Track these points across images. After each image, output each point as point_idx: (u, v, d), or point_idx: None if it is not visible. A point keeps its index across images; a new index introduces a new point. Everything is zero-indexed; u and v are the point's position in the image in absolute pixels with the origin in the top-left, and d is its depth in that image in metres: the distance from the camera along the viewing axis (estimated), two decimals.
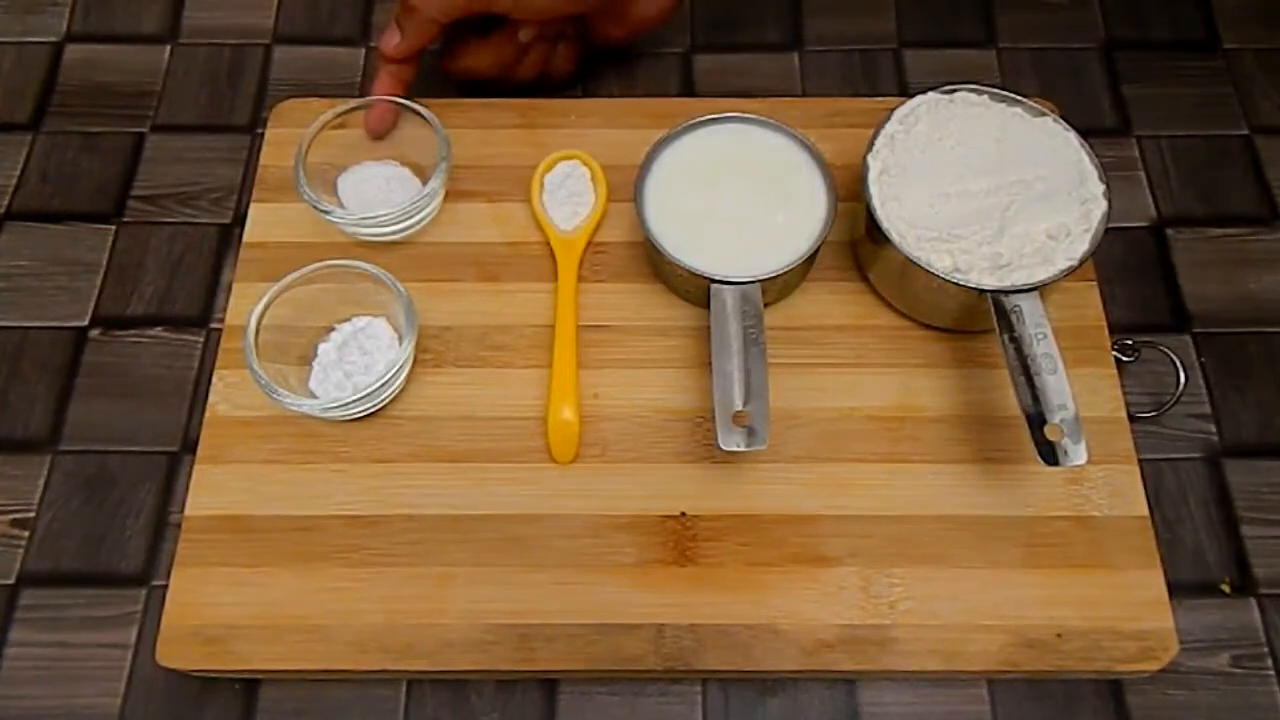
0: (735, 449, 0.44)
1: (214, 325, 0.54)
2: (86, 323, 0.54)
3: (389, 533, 0.46)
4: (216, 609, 0.45)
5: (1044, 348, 0.45)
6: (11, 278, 0.55)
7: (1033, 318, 0.46)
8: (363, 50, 0.63)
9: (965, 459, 0.48)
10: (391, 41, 0.52)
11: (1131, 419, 0.49)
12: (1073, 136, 0.50)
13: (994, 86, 0.51)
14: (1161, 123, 0.60)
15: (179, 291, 0.55)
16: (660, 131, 0.52)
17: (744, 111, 0.52)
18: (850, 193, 0.52)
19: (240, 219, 0.56)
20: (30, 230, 0.56)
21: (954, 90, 0.51)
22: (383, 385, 0.47)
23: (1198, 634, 0.47)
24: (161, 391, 0.52)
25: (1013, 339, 0.45)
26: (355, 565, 0.46)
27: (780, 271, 0.48)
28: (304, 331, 0.50)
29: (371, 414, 0.49)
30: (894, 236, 0.48)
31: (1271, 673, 0.46)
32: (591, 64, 0.62)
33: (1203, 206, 0.58)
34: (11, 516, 0.49)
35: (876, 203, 0.49)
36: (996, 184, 0.49)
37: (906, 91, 0.61)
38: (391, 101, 0.53)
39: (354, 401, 0.46)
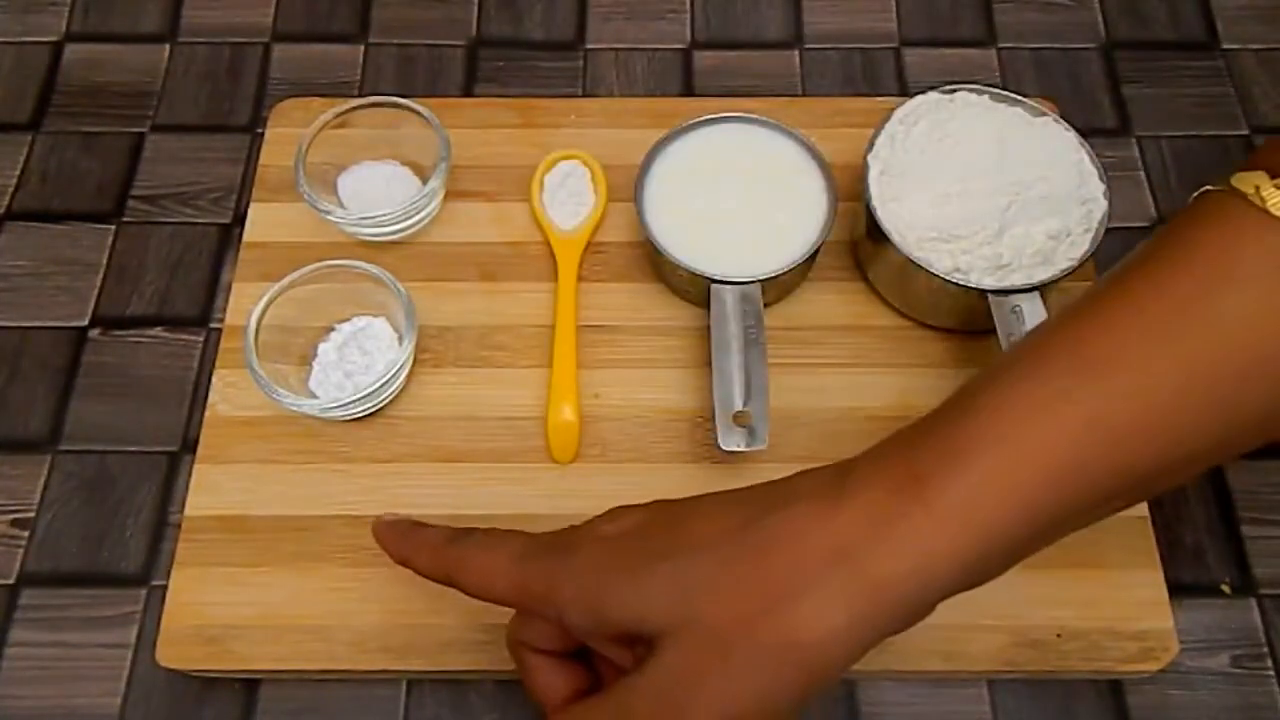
0: (735, 449, 0.44)
1: (214, 325, 0.53)
2: (86, 323, 0.54)
3: None
4: (216, 609, 0.45)
5: None
6: (11, 278, 0.55)
7: (1033, 318, 0.46)
8: (361, 47, 0.63)
9: None
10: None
11: None
12: (1073, 137, 0.50)
13: (994, 86, 0.51)
14: (1161, 123, 0.60)
15: (179, 291, 0.55)
16: (660, 131, 0.52)
17: (744, 111, 0.52)
18: (850, 193, 0.52)
19: (240, 219, 0.56)
20: (30, 230, 0.56)
21: (954, 90, 0.51)
22: (383, 385, 0.47)
23: (1198, 634, 0.47)
24: (161, 391, 0.52)
25: (1013, 339, 0.45)
26: (355, 565, 0.46)
27: (780, 271, 0.48)
28: (304, 331, 0.50)
29: (371, 414, 0.49)
30: (894, 236, 0.48)
31: (1271, 673, 0.46)
32: (591, 60, 0.62)
33: None
34: (11, 516, 0.49)
35: (876, 203, 0.49)
36: (997, 184, 0.49)
37: (906, 91, 0.61)
38: (392, 102, 0.53)
39: (354, 401, 0.46)
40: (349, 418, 0.48)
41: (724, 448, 0.44)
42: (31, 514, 0.49)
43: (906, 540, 0.29)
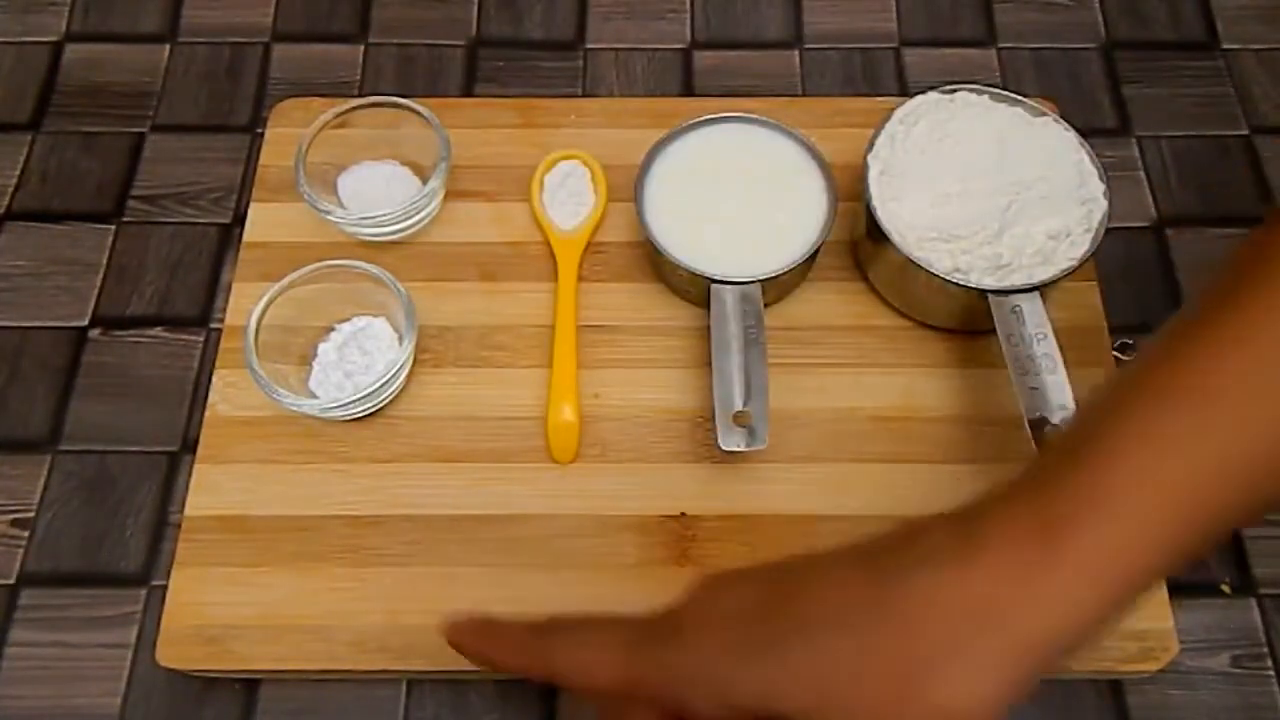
0: (735, 449, 0.44)
1: (214, 325, 0.53)
2: (86, 323, 0.54)
3: (389, 533, 0.46)
4: (216, 609, 0.45)
5: (1044, 348, 0.45)
6: (11, 278, 0.55)
7: (1033, 318, 0.46)
8: (361, 47, 0.63)
9: (965, 459, 0.48)
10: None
11: None
12: (1073, 137, 0.50)
13: (994, 86, 0.51)
14: (1161, 123, 0.60)
15: (179, 291, 0.55)
16: (660, 131, 0.52)
17: (744, 111, 0.52)
18: (850, 193, 0.52)
19: (240, 219, 0.56)
20: (30, 230, 0.56)
21: (954, 90, 0.51)
22: (383, 385, 0.47)
23: (1198, 634, 0.46)
24: (161, 391, 0.52)
25: (1013, 339, 0.45)
26: (355, 565, 0.46)
27: (780, 271, 0.48)
28: (304, 331, 0.50)
29: (371, 414, 0.49)
30: (894, 236, 0.48)
31: (1271, 673, 0.46)
32: (591, 60, 0.62)
33: (1203, 206, 0.58)
34: (11, 516, 0.49)
35: (876, 203, 0.49)
36: (997, 184, 0.49)
37: (906, 91, 0.61)
38: (392, 102, 0.53)
39: (354, 401, 0.46)
40: (349, 418, 0.48)
41: (724, 448, 0.44)
42: (31, 514, 0.49)
43: (1053, 595, 0.27)
